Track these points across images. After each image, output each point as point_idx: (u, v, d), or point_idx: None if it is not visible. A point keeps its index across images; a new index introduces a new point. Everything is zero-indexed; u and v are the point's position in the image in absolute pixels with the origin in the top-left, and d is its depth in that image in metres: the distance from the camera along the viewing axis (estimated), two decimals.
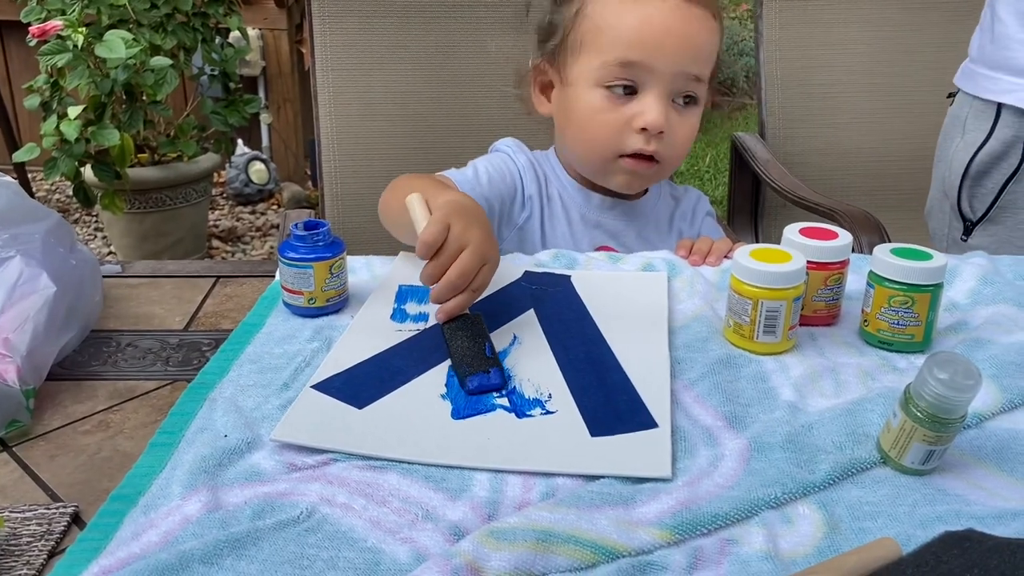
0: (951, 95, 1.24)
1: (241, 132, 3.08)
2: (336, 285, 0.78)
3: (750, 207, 1.75)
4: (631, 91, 0.94)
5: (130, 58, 2.28)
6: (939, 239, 1.25)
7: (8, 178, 0.80)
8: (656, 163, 0.97)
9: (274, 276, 0.85)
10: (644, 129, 0.94)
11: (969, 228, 1.17)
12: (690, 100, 0.96)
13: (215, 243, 2.96)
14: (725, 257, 0.91)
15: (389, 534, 0.52)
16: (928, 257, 0.71)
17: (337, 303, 0.79)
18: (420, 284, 0.83)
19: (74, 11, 2.32)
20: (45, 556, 0.61)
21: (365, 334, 0.75)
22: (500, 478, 0.57)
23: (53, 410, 0.71)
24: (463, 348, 0.69)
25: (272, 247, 2.94)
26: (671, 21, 0.93)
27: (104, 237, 2.93)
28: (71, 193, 2.60)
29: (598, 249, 0.99)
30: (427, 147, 1.47)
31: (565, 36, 0.98)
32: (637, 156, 0.96)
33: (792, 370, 0.70)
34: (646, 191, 1.07)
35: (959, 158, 1.16)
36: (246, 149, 3.27)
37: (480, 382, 0.67)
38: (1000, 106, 1.11)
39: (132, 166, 2.53)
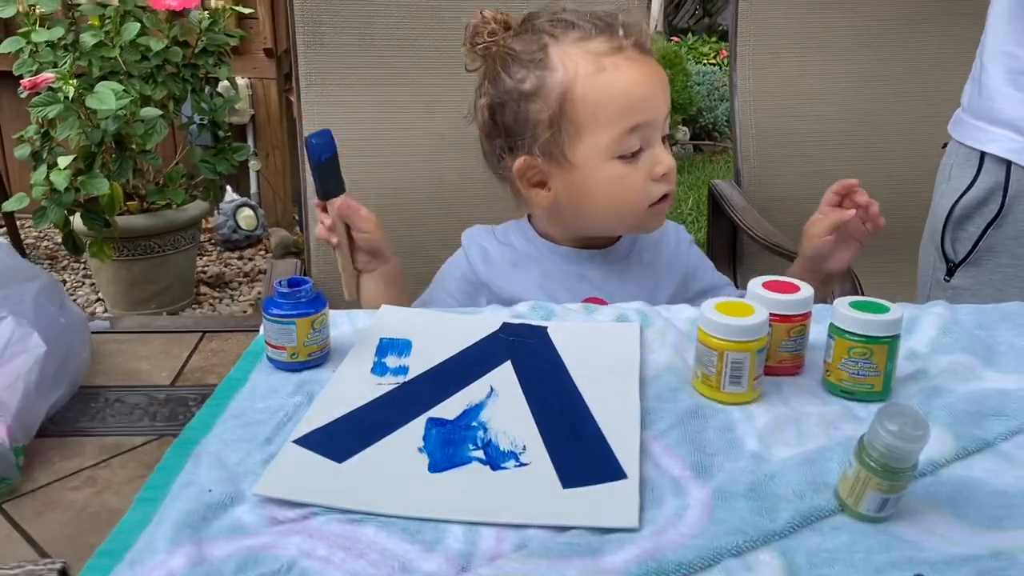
0: (945, 145, 1.29)
1: (230, 179, 3.12)
2: (318, 340, 0.81)
3: (728, 253, 1.79)
4: (638, 151, 0.99)
5: (120, 109, 2.32)
6: (925, 279, 1.29)
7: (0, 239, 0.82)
8: (671, 195, 1.04)
9: (258, 331, 0.87)
10: (664, 175, 1.00)
11: (952, 269, 1.22)
12: (667, 135, 1.04)
13: (203, 289, 2.98)
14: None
15: None
16: (885, 310, 0.75)
17: (319, 358, 0.81)
18: (400, 337, 0.86)
19: (66, 63, 2.37)
20: None
21: (346, 388, 0.77)
22: (474, 530, 0.59)
23: (42, 467, 0.73)
24: None
25: (260, 292, 2.97)
26: (649, 76, 1.00)
27: (92, 284, 2.95)
28: (59, 240, 2.63)
29: (587, 300, 1.01)
30: (408, 199, 1.50)
31: (555, 127, 0.98)
32: (662, 199, 1.02)
33: (757, 420, 0.73)
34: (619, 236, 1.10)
35: (942, 204, 1.21)
36: (235, 195, 3.31)
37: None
38: (983, 154, 1.15)
39: (121, 214, 2.56)
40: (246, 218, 3.28)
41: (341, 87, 1.51)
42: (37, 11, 2.43)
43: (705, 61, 5.15)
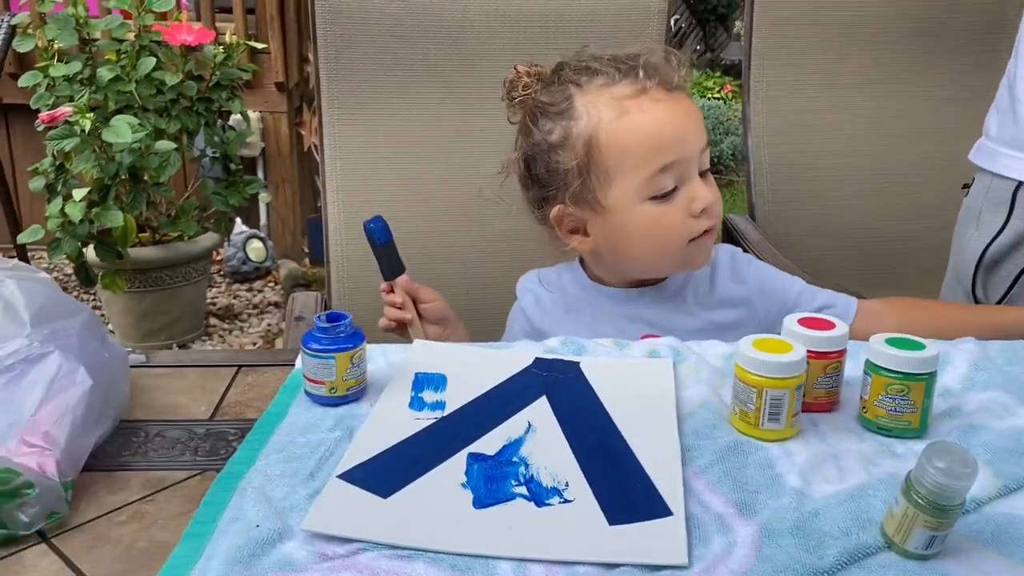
0: (966, 186, 1.28)
1: (240, 211, 3.14)
2: (356, 375, 0.82)
3: None
4: (673, 189, 0.99)
5: (135, 142, 2.35)
6: None
7: (44, 274, 0.83)
8: (714, 228, 1.02)
9: (293, 365, 0.88)
10: (703, 210, 0.99)
11: None
12: (707, 169, 1.03)
13: (212, 321, 2.98)
14: None
15: None
16: (922, 347, 0.75)
17: (357, 392, 0.82)
18: (436, 371, 0.87)
19: (82, 97, 2.39)
20: None
21: (385, 423, 0.78)
22: (523, 567, 0.60)
23: (88, 501, 0.74)
24: None
25: (270, 324, 2.98)
26: (676, 113, 0.99)
27: (103, 315, 2.95)
28: (70, 272, 2.64)
29: (642, 338, 1.01)
30: (434, 234, 1.52)
31: (585, 174, 1.00)
32: (703, 233, 1.01)
33: (796, 456, 0.73)
34: None
35: (972, 247, 1.20)
36: (244, 227, 3.33)
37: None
38: (1018, 188, 1.14)
39: (133, 246, 2.57)
40: (255, 250, 3.29)
41: (364, 126, 1.52)
42: (55, 46, 2.47)
43: (710, 95, 5.21)
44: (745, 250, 1.69)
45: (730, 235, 1.79)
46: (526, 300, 1.12)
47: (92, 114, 2.35)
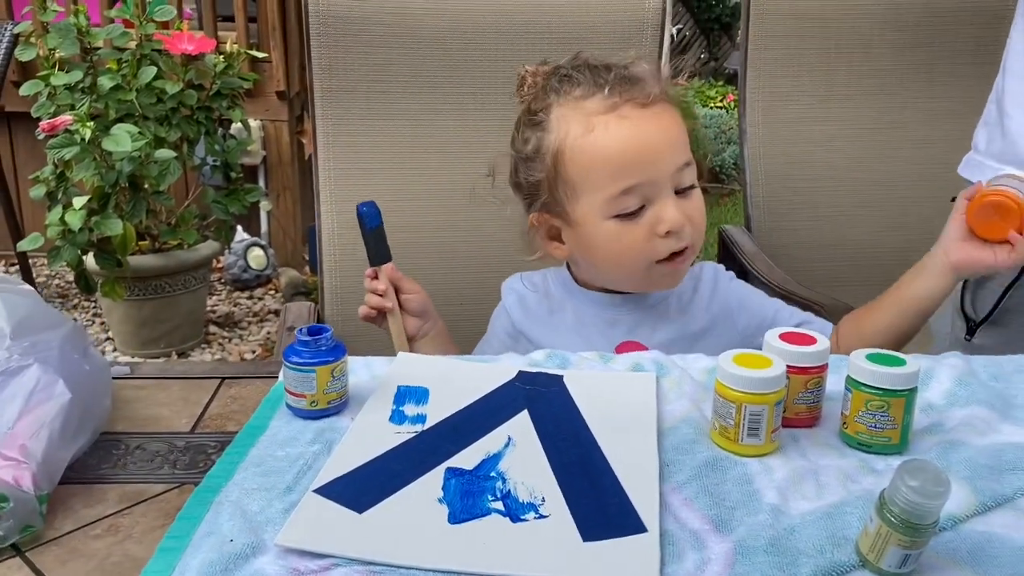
0: (953, 199, 1.27)
1: (240, 219, 3.15)
2: (337, 388, 0.81)
3: None
4: (640, 208, 0.97)
5: (135, 151, 2.35)
6: (941, 338, 1.27)
7: (27, 286, 0.84)
8: (688, 248, 1.00)
9: (277, 377, 0.88)
10: (669, 232, 0.97)
11: (972, 328, 1.20)
12: (689, 187, 1.00)
13: (212, 329, 2.99)
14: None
15: None
16: (902, 363, 0.75)
17: (338, 405, 0.82)
18: (418, 385, 0.87)
19: (83, 106, 2.40)
20: None
21: (364, 437, 0.78)
22: None
23: (64, 514, 0.74)
24: None
25: (269, 332, 2.98)
26: (644, 133, 0.96)
27: (103, 323, 2.96)
28: (71, 279, 2.65)
29: (622, 344, 1.01)
30: (428, 242, 1.52)
31: (552, 187, 1.00)
32: (672, 256, 0.99)
33: (776, 472, 0.73)
34: None
35: None
36: (245, 235, 3.33)
37: None
38: None
39: (133, 254, 2.58)
40: (256, 258, 3.30)
41: (357, 135, 1.52)
42: (56, 55, 2.48)
43: (712, 104, 5.21)
44: (740, 261, 1.70)
45: (725, 246, 1.79)
46: (509, 300, 1.13)
47: (93, 123, 2.36)
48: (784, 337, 0.80)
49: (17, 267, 2.99)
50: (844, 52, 1.79)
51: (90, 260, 2.52)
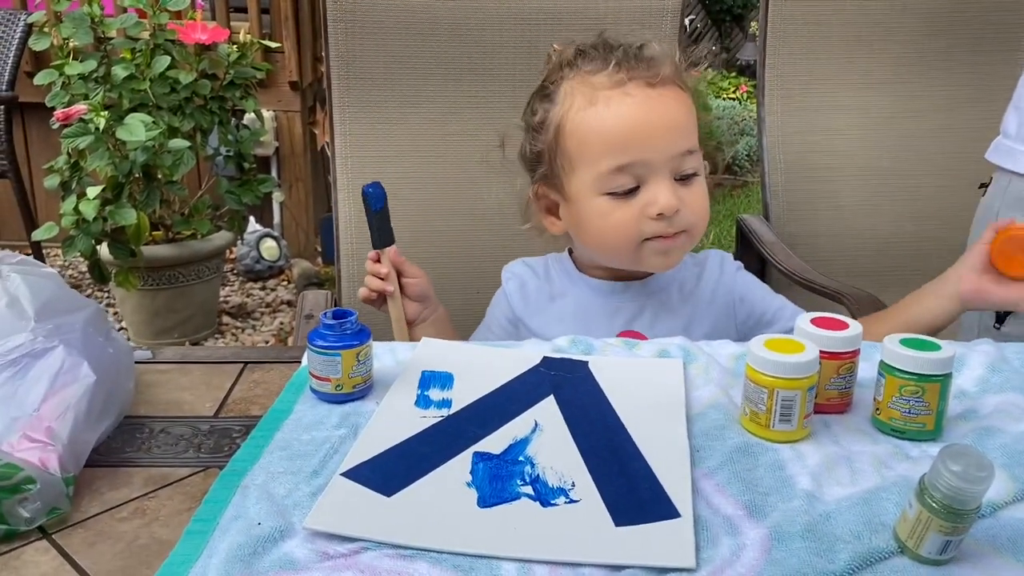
0: (983, 185, 1.26)
1: (253, 209, 3.15)
2: (362, 372, 0.81)
3: None
4: (634, 188, 0.96)
5: (149, 140, 2.35)
6: (969, 327, 1.25)
7: (50, 268, 0.83)
8: (684, 233, 0.98)
9: (299, 362, 0.87)
10: (660, 215, 0.96)
11: (1002, 317, 1.18)
12: (691, 174, 0.98)
13: (225, 319, 2.99)
14: None
15: None
16: (937, 348, 0.74)
17: (363, 389, 0.81)
18: (443, 370, 0.86)
19: (97, 96, 2.40)
20: None
21: (391, 421, 0.77)
22: (527, 568, 0.59)
23: (90, 497, 0.73)
24: None
25: (283, 323, 2.98)
26: (647, 112, 0.95)
27: (116, 313, 2.96)
28: (84, 269, 2.65)
29: (622, 334, 1.01)
30: (445, 233, 1.51)
31: (552, 158, 1.00)
32: (662, 236, 0.97)
33: (808, 458, 0.72)
34: None
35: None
36: (258, 226, 3.33)
37: None
38: None
39: (146, 244, 2.58)
40: (269, 249, 3.30)
41: (374, 124, 1.51)
42: (70, 44, 2.48)
43: (725, 96, 5.18)
44: (758, 251, 1.69)
45: (743, 236, 1.77)
46: (510, 286, 1.11)
47: (106, 112, 2.35)
48: (816, 322, 0.79)
49: (32, 257, 3.00)
50: (863, 40, 1.77)
51: (104, 250, 2.52)
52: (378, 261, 1.07)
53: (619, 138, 0.95)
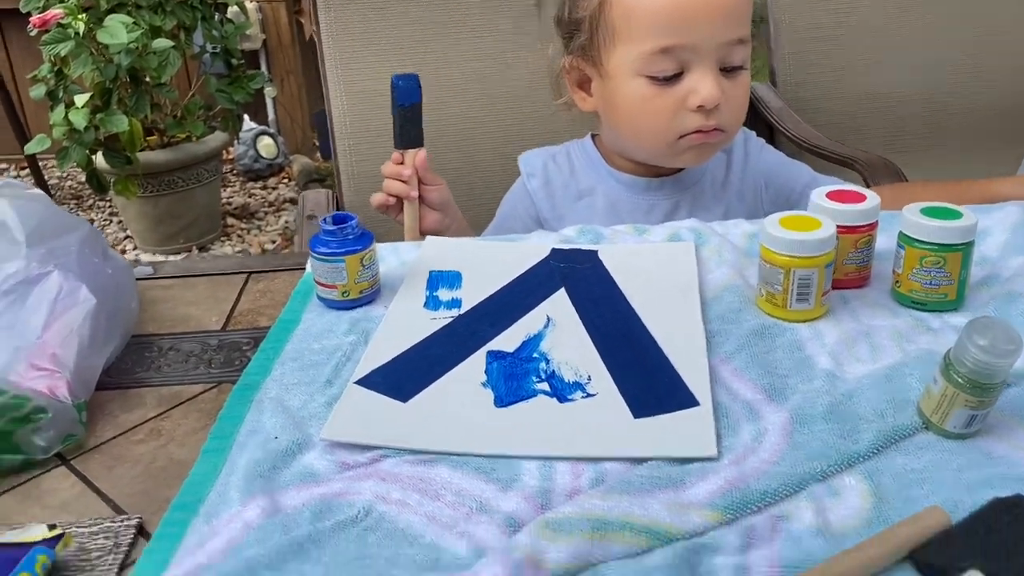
0: None
1: (246, 107, 3.07)
2: (368, 276, 0.79)
3: None
4: (676, 75, 0.91)
5: (132, 42, 2.27)
6: None
7: (38, 191, 0.80)
8: (721, 131, 0.94)
9: (303, 268, 0.86)
10: (700, 107, 0.91)
11: None
12: (738, 66, 0.93)
13: (230, 221, 2.96)
14: None
15: (446, 529, 0.54)
16: (958, 216, 0.71)
17: (370, 294, 0.80)
18: (450, 269, 0.84)
19: None
20: (116, 570, 0.62)
21: (400, 325, 0.76)
22: (549, 466, 0.58)
23: (104, 421, 0.73)
24: None
25: (287, 222, 2.95)
26: None
27: (120, 222, 2.94)
28: (83, 180, 2.61)
29: None
30: (442, 125, 1.46)
31: (593, 28, 0.94)
32: (700, 131, 0.93)
33: (827, 336, 0.70)
34: None
35: None
36: (253, 124, 3.26)
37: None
38: None
39: (142, 150, 2.53)
40: (266, 146, 3.24)
41: (363, 16, 1.44)
42: None
43: None
44: (766, 118, 1.63)
45: (751, 104, 1.71)
46: (534, 183, 1.05)
47: (84, 15, 2.26)
48: (831, 195, 0.76)
49: (28, 170, 2.95)
50: None
51: (100, 159, 2.47)
52: (402, 162, 1.00)
53: (668, 16, 0.89)
